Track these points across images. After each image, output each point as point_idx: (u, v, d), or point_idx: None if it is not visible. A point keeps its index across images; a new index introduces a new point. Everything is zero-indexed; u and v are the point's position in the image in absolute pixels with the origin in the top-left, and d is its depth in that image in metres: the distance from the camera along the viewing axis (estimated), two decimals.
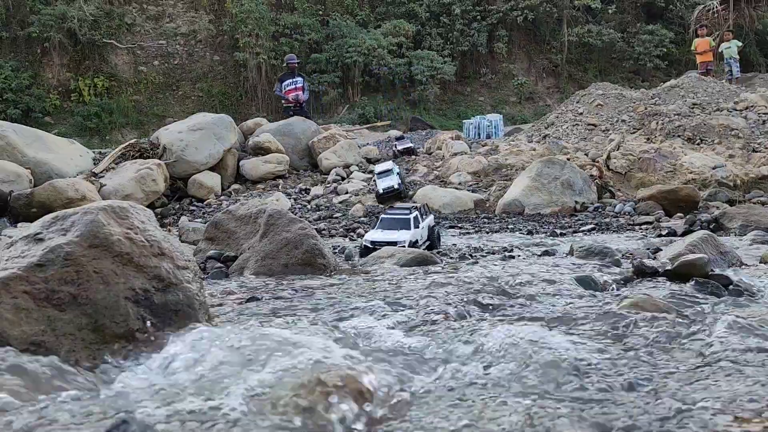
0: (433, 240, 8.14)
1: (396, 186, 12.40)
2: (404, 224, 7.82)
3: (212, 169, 13.24)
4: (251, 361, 3.01)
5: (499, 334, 3.65)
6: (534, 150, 14.15)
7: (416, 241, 7.68)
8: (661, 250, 6.39)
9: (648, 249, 6.57)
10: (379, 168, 13.12)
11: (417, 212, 7.98)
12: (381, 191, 12.38)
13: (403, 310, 4.41)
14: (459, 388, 2.85)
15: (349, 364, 2.92)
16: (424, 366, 3.22)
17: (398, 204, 10.63)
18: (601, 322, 3.78)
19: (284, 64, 17.26)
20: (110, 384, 2.80)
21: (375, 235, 7.78)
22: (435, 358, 3.33)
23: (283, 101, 16.54)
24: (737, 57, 18.09)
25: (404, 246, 7.29)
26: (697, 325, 3.81)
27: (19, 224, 9.44)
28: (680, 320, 3.77)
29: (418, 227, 7.80)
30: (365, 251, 7.37)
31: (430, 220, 8.37)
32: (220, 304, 4.68)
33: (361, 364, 3.09)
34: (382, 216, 8.21)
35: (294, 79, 16.24)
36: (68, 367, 2.93)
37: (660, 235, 8.32)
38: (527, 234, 8.94)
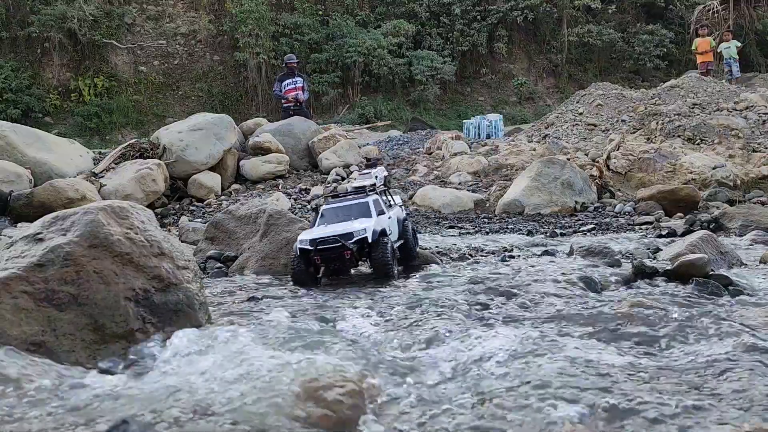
0: (407, 239, 5.74)
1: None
2: (361, 211, 5.33)
3: (212, 169, 13.23)
4: (251, 360, 3.01)
5: (499, 334, 3.65)
6: (534, 150, 14.15)
7: (384, 232, 5.21)
8: (661, 250, 6.38)
9: (648, 249, 6.57)
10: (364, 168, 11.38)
11: (376, 195, 5.57)
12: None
13: (402, 310, 4.41)
14: (460, 387, 2.85)
15: (349, 365, 2.92)
16: (425, 365, 3.22)
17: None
18: (601, 322, 3.78)
19: (283, 64, 17.24)
20: (110, 384, 2.80)
21: (315, 231, 5.19)
22: (435, 358, 3.33)
23: (282, 101, 16.53)
24: (737, 57, 18.10)
25: (365, 237, 4.99)
26: (697, 325, 3.80)
27: (19, 224, 9.43)
28: (680, 320, 3.77)
29: (383, 214, 5.41)
30: (299, 262, 5.07)
31: (398, 211, 5.88)
32: (220, 304, 4.68)
33: (361, 364, 3.09)
34: (324, 207, 5.57)
35: (294, 79, 16.22)
36: (68, 367, 2.94)
37: (660, 235, 8.32)
38: (527, 234, 8.94)
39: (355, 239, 5.06)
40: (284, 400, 2.41)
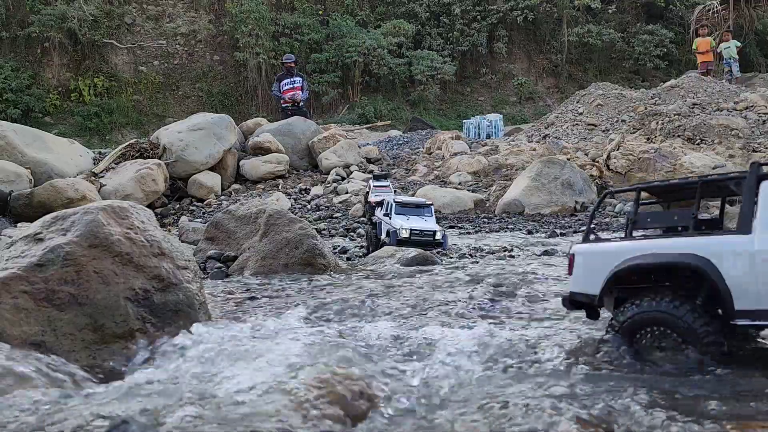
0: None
1: (435, 230, 7.61)
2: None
3: (212, 169, 13.23)
4: (251, 360, 3.01)
5: (499, 334, 3.65)
6: (534, 150, 14.15)
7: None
8: None
9: None
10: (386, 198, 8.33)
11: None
12: (405, 236, 7.45)
13: (403, 310, 4.41)
14: (459, 387, 2.84)
15: (352, 363, 2.92)
16: (425, 364, 3.21)
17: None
18: (601, 321, 3.78)
19: (281, 63, 17.22)
20: (110, 384, 2.79)
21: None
22: (436, 358, 3.32)
23: (281, 101, 16.49)
24: (737, 57, 18.08)
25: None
26: None
27: (19, 224, 9.43)
28: None
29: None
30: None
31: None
32: (221, 304, 4.68)
33: (363, 363, 3.09)
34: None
35: (292, 79, 16.16)
36: (68, 366, 2.93)
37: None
38: (527, 234, 8.93)
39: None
40: (290, 397, 2.40)
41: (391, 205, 7.79)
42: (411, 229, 7.30)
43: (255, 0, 23.86)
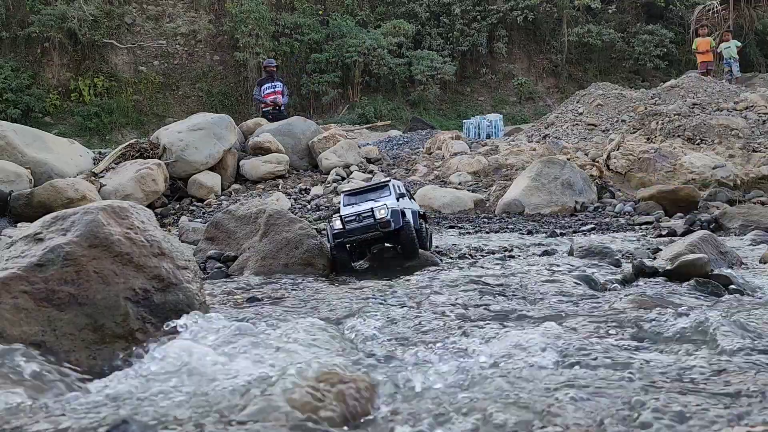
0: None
1: (384, 216, 5.45)
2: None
3: (212, 169, 13.24)
4: (251, 360, 3.01)
5: (499, 335, 3.65)
6: (534, 150, 14.15)
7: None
8: (661, 250, 6.38)
9: (648, 249, 6.57)
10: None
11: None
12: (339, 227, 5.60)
13: (402, 311, 4.41)
14: (459, 390, 2.84)
15: (347, 365, 2.92)
16: (424, 367, 3.22)
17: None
18: (601, 322, 3.78)
19: (263, 67, 17.27)
20: (110, 384, 2.80)
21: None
22: (434, 360, 3.33)
23: (261, 105, 16.58)
24: (737, 57, 18.11)
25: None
26: (696, 325, 3.81)
27: (19, 224, 9.43)
28: (680, 320, 3.77)
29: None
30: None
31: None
32: (220, 304, 4.68)
33: (362, 365, 3.09)
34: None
35: (273, 83, 16.27)
36: (68, 367, 2.93)
37: (660, 235, 8.31)
38: (527, 234, 8.94)
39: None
40: (287, 398, 2.40)
41: (340, 198, 6.04)
42: (343, 216, 5.42)
43: (255, 0, 23.88)
